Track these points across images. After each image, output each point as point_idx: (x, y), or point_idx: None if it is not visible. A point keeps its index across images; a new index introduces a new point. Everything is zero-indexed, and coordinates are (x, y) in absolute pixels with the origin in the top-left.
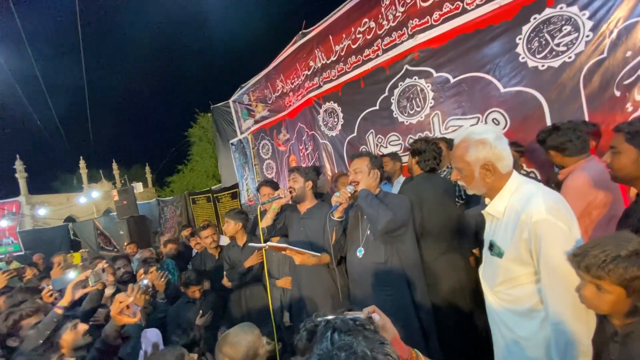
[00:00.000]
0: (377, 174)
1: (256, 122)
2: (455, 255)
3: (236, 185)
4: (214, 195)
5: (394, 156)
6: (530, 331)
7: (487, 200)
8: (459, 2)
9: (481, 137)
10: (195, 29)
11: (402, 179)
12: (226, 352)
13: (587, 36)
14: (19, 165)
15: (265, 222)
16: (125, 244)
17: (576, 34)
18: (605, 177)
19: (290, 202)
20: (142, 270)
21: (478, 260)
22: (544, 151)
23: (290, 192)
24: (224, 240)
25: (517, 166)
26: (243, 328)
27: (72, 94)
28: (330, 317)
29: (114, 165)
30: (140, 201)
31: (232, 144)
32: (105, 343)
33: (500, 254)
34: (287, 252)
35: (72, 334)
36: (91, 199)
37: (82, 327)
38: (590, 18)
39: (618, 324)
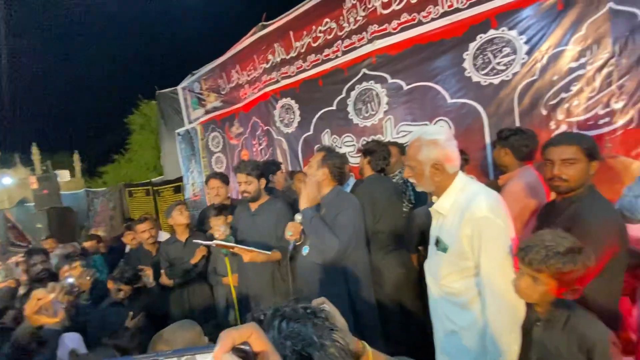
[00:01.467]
0: (325, 173)
1: (207, 112)
2: (402, 254)
3: (180, 179)
4: (154, 188)
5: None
6: (468, 322)
7: (434, 198)
8: (415, 14)
9: (433, 137)
10: (148, 10)
11: (352, 180)
12: (160, 350)
13: (523, 59)
14: None
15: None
16: (42, 239)
17: (514, 56)
18: (537, 184)
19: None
20: (66, 267)
21: (422, 258)
22: (499, 147)
23: (245, 196)
24: (164, 237)
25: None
26: (181, 325)
27: None
28: (279, 305)
29: (34, 150)
30: (66, 191)
31: (178, 133)
32: (16, 348)
33: (445, 249)
34: (235, 250)
35: None
36: (2, 186)
37: None
38: (526, 42)
39: (541, 312)
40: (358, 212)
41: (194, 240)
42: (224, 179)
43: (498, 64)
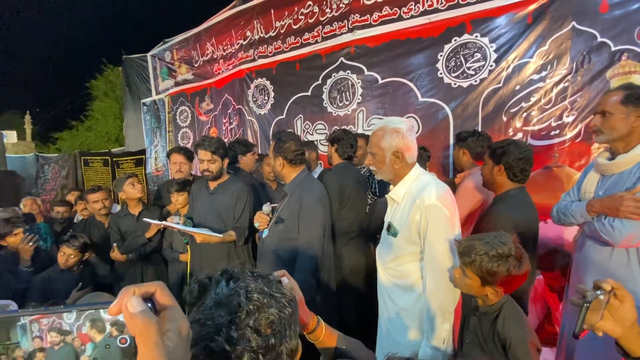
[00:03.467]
0: (280, 162)
1: (177, 84)
2: (362, 241)
3: (143, 152)
4: (114, 159)
5: (309, 145)
6: (409, 303)
7: (391, 187)
8: (397, 9)
9: (396, 126)
10: None
11: (319, 169)
12: None
13: (491, 66)
14: None
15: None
16: None
17: (483, 62)
18: None
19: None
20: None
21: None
22: (457, 147)
23: (205, 173)
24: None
25: (423, 167)
26: (99, 295)
27: None
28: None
29: None
30: (12, 154)
31: (144, 103)
32: None
33: (395, 234)
34: (186, 232)
35: None
36: None
37: None
38: (495, 51)
39: (480, 303)
40: (322, 199)
41: (145, 219)
42: (188, 154)
43: (468, 68)
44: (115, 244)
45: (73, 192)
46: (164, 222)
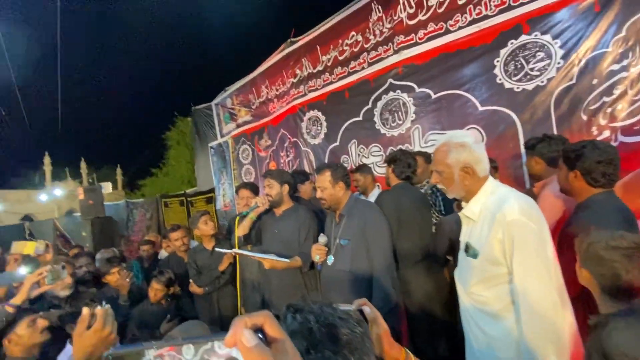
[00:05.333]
0: (341, 187)
1: (238, 126)
2: (430, 264)
3: (212, 190)
4: (188, 199)
5: (363, 169)
6: (501, 332)
7: (463, 204)
8: (442, 23)
9: (461, 140)
10: (182, 32)
11: (377, 191)
12: None
13: (559, 63)
14: None
15: (241, 231)
16: (71, 250)
17: (548, 61)
18: None
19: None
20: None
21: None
22: (528, 156)
23: (268, 199)
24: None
25: None
26: (191, 324)
27: (42, 82)
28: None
29: (83, 164)
30: (108, 202)
31: (211, 147)
32: None
33: (475, 255)
34: (255, 258)
35: (29, 331)
36: (54, 197)
37: (41, 323)
38: (561, 47)
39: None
40: (383, 217)
41: (217, 249)
42: (254, 189)
43: (532, 69)
44: (191, 280)
45: (152, 234)
46: (235, 250)
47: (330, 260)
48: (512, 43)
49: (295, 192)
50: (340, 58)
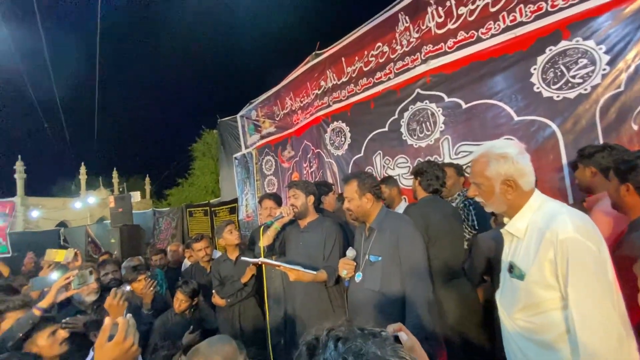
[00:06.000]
0: (370, 198)
1: (262, 137)
2: (462, 283)
3: (235, 200)
4: (212, 209)
5: (389, 181)
6: None
7: (505, 219)
8: (473, 31)
9: (502, 151)
10: (208, 45)
11: (403, 205)
12: None
13: (604, 69)
14: (19, 165)
15: (265, 241)
16: (100, 257)
17: (592, 67)
18: None
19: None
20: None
21: (488, 289)
22: (582, 166)
23: (293, 210)
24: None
25: None
26: (219, 339)
27: (80, 98)
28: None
29: (114, 174)
30: (137, 210)
31: (235, 158)
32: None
33: (521, 276)
34: (280, 268)
35: (49, 341)
36: (87, 205)
37: (61, 334)
38: (607, 52)
39: None
40: (418, 232)
41: (242, 258)
42: (277, 199)
43: (573, 77)
44: (214, 291)
45: (175, 243)
46: (261, 259)
47: (359, 277)
48: (550, 50)
49: (319, 204)
50: (366, 69)
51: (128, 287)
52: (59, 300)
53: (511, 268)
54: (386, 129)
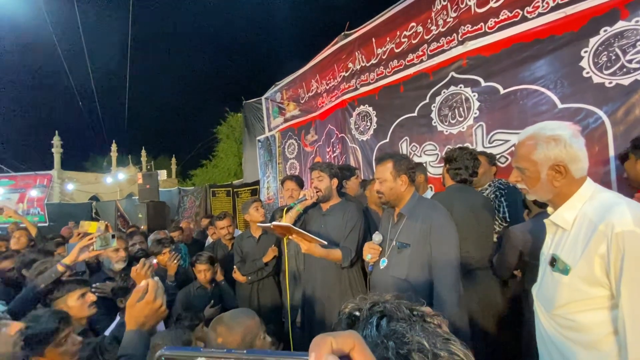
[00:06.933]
0: (404, 180)
1: (286, 120)
2: (492, 277)
3: (257, 182)
4: (234, 189)
5: (417, 167)
6: None
7: (549, 209)
8: (518, 10)
9: (554, 133)
10: (236, 27)
11: (429, 193)
12: (220, 332)
13: None
14: (56, 141)
15: (287, 222)
16: (128, 229)
17: None
18: None
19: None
20: (166, 250)
21: (519, 284)
22: (635, 158)
23: (317, 193)
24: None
25: None
26: (242, 311)
27: (113, 80)
28: (378, 299)
29: (143, 153)
30: (163, 188)
31: (259, 140)
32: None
33: (565, 271)
34: (293, 236)
35: (79, 302)
36: (117, 180)
37: (90, 297)
38: None
39: None
40: (452, 222)
41: (258, 224)
42: (299, 181)
43: (630, 61)
44: (235, 266)
45: (204, 219)
46: (274, 223)
47: (384, 263)
48: (605, 31)
49: (341, 188)
50: (397, 50)
51: (155, 260)
52: (82, 259)
53: (554, 261)
54: (415, 114)
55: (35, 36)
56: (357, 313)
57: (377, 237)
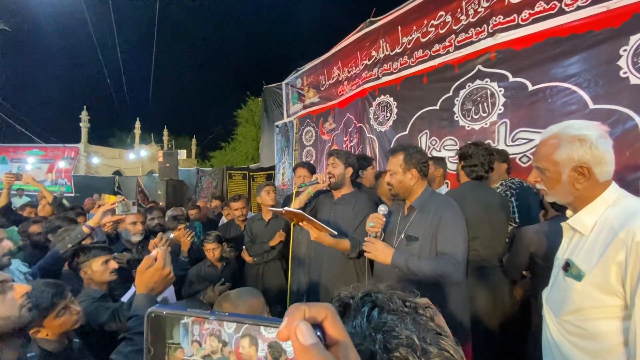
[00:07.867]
0: (414, 174)
1: (305, 107)
2: (500, 278)
3: (273, 167)
4: (251, 173)
5: (438, 161)
6: None
7: (568, 212)
8: (556, 2)
9: (580, 133)
10: (260, 11)
11: (444, 189)
12: (225, 308)
13: None
14: (84, 115)
15: (297, 204)
16: (148, 205)
17: None
18: None
19: (327, 188)
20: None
21: (527, 286)
22: None
23: (330, 178)
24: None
25: None
26: (249, 290)
27: (140, 60)
28: (371, 289)
29: (165, 131)
30: (182, 167)
31: (277, 125)
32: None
33: (579, 277)
34: (303, 223)
35: (102, 268)
36: (139, 157)
37: (112, 264)
38: None
39: None
40: (462, 218)
41: (269, 208)
42: (311, 168)
43: None
44: (244, 246)
45: (214, 200)
46: (286, 208)
47: None
48: None
49: (357, 178)
50: (423, 40)
51: (172, 235)
52: (104, 222)
53: (567, 266)
54: (437, 107)
55: (69, 15)
56: (349, 302)
57: (383, 208)
